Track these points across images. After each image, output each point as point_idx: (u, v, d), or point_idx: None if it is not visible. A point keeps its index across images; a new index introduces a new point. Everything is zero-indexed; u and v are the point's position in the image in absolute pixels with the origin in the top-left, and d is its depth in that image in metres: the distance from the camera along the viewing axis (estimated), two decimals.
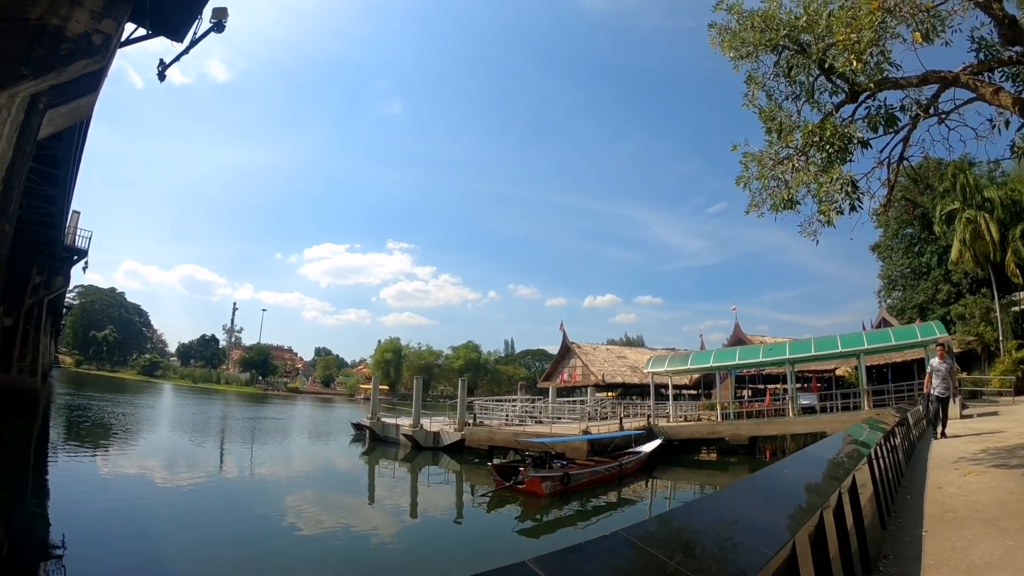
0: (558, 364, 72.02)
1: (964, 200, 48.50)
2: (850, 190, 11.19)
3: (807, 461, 5.97)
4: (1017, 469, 10.59)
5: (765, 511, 3.60)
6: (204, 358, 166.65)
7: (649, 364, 45.48)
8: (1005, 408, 28.35)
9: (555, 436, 31.38)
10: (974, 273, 50.18)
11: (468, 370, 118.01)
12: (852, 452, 6.85)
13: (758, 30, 11.54)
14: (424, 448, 38.10)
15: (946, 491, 9.27)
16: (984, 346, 48.05)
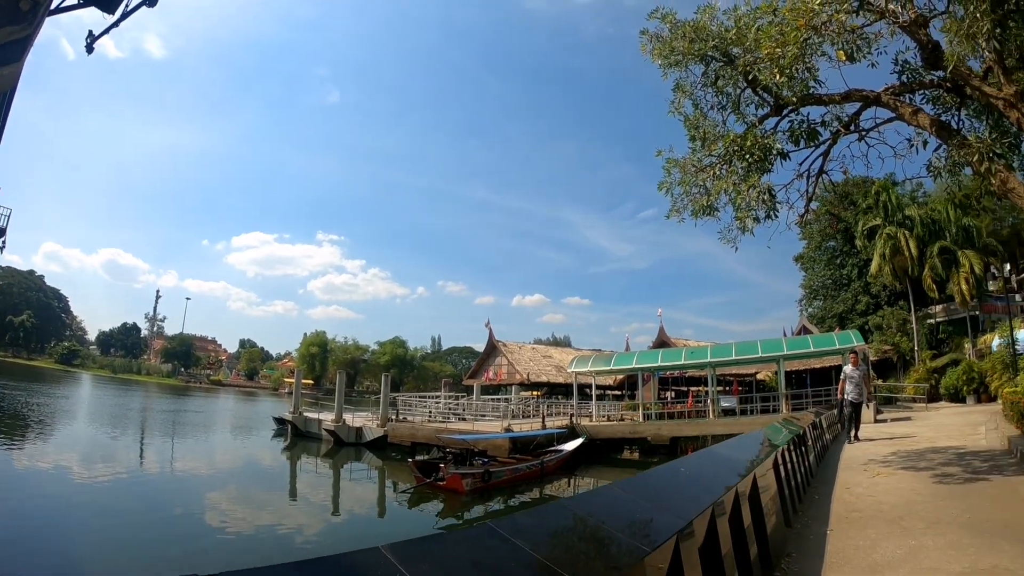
0: (484, 362, 71.54)
1: (886, 217, 50.01)
2: (767, 199, 11.47)
3: (709, 459, 6.11)
4: (924, 471, 10.97)
5: (653, 507, 3.57)
6: (125, 347, 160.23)
7: (573, 364, 45.47)
8: (918, 414, 29.27)
9: (477, 433, 31.41)
10: (892, 286, 51.76)
11: (394, 366, 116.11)
12: (757, 451, 7.05)
13: (688, 39, 11.72)
14: (346, 444, 37.73)
15: (854, 491, 9.58)
16: (900, 355, 49.95)
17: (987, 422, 19.30)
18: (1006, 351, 31.31)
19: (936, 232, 47.94)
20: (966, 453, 13.11)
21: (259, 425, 52.20)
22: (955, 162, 10.76)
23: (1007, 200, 9.50)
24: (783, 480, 7.44)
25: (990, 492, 8.65)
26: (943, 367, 42.27)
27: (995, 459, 11.72)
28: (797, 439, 10.33)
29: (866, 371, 19.29)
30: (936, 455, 13.11)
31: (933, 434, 18.18)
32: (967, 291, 43.85)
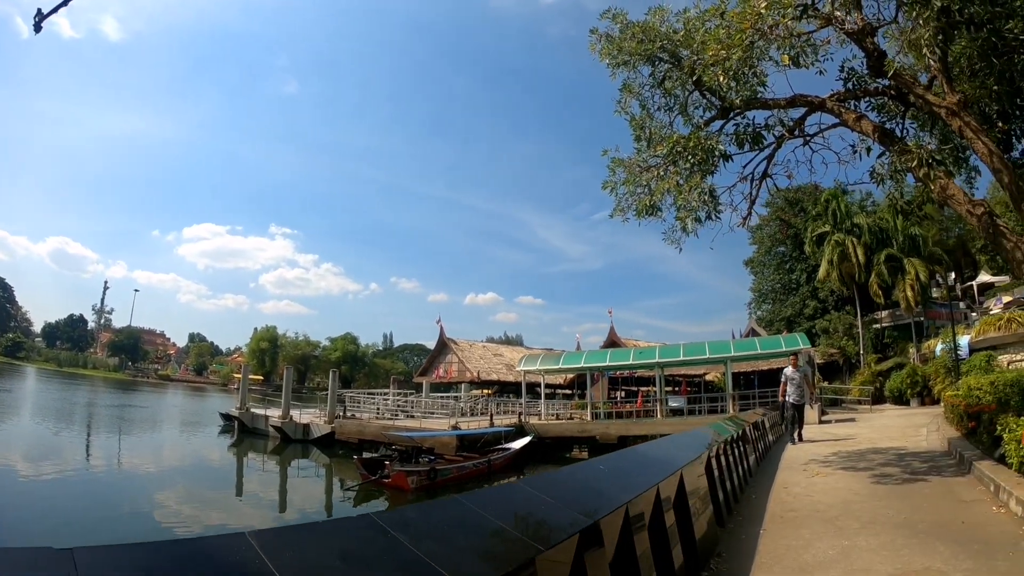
0: (434, 359, 71.05)
1: (835, 224, 51.16)
2: (708, 200, 11.53)
3: (636, 458, 6.03)
4: (863, 472, 11.13)
5: (560, 505, 3.39)
6: (71, 340, 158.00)
7: (521, 363, 45.35)
8: (862, 416, 29.78)
9: (424, 431, 31.25)
10: (839, 291, 52.72)
11: (346, 362, 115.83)
12: (691, 450, 6.97)
13: (636, 40, 11.70)
14: (294, 440, 37.53)
15: (792, 491, 9.68)
16: (846, 358, 51.14)
17: (929, 424, 19.58)
18: (948, 356, 31.93)
19: (883, 240, 49.08)
20: (906, 454, 13.33)
21: (206, 421, 51.55)
22: (896, 168, 10.86)
23: (949, 207, 9.66)
24: (716, 479, 7.48)
25: (927, 492, 8.79)
26: (888, 370, 43.38)
27: (934, 460, 11.93)
28: (735, 438, 10.40)
29: (807, 373, 19.26)
30: (876, 456, 13.33)
31: (875, 435, 18.46)
32: (912, 297, 44.95)
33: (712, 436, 9.02)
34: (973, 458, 9.97)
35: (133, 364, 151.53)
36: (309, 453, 34.97)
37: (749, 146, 11.84)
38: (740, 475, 10.04)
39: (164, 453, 33.91)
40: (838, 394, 41.90)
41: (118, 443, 36.37)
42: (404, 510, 2.77)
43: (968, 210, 8.90)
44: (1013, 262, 8.36)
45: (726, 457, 8.93)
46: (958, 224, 54.65)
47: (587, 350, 49.55)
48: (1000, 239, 8.46)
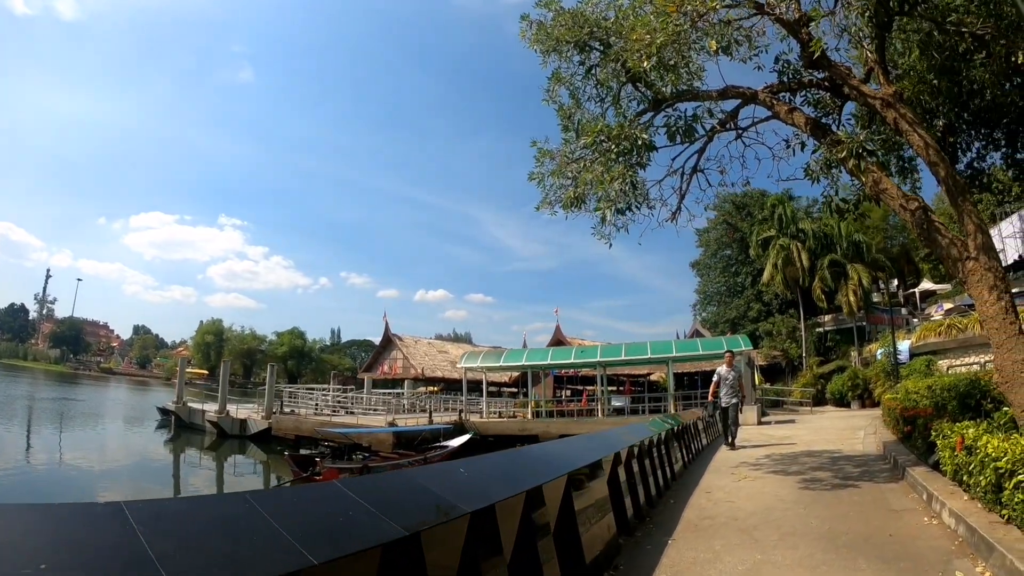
0: (379, 355, 70.74)
1: (780, 228, 51.70)
2: (629, 191, 11.03)
3: (524, 458, 5.55)
4: (793, 475, 10.78)
5: (374, 512, 2.99)
6: (11, 331, 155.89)
7: (463, 360, 44.99)
8: (803, 417, 29.94)
9: (361, 428, 31.06)
10: (784, 295, 53.10)
11: (292, 357, 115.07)
12: (595, 451, 6.51)
13: (566, 27, 11.24)
14: (230, 436, 36.93)
15: (714, 496, 9.28)
16: (788, 361, 51.79)
17: (867, 426, 19.45)
18: (888, 360, 32.16)
19: (827, 245, 49.73)
20: (840, 457, 13.07)
21: (145, 416, 50.47)
22: (828, 162, 10.42)
23: (884, 204, 9.18)
24: (622, 483, 7.00)
25: (856, 500, 8.42)
26: (830, 373, 43.68)
27: (868, 464, 11.65)
28: (657, 440, 10.05)
29: (742, 373, 18.41)
30: (810, 459, 13.04)
31: (812, 437, 18.34)
32: (854, 303, 45.59)
33: (630, 436, 8.60)
34: (907, 463, 9.64)
35: (75, 356, 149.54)
36: (246, 449, 34.37)
37: (681, 139, 11.32)
38: (661, 478, 9.62)
39: (100, 449, 33.01)
40: (780, 396, 42.25)
41: (57, 439, 35.71)
42: (281, 491, 3.12)
43: (902, 205, 8.47)
44: (948, 260, 7.94)
45: (643, 459, 8.53)
46: (902, 232, 55.82)
47: (529, 348, 49.17)
48: (935, 235, 8.03)
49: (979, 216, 7.86)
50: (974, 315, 29.42)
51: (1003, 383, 7.30)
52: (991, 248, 7.60)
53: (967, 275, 7.60)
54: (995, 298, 7.20)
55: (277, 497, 3.46)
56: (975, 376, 12.26)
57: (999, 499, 5.74)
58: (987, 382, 10.96)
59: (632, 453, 7.87)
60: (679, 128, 11.17)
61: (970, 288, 7.58)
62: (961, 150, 15.32)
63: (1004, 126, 16.21)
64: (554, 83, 11.80)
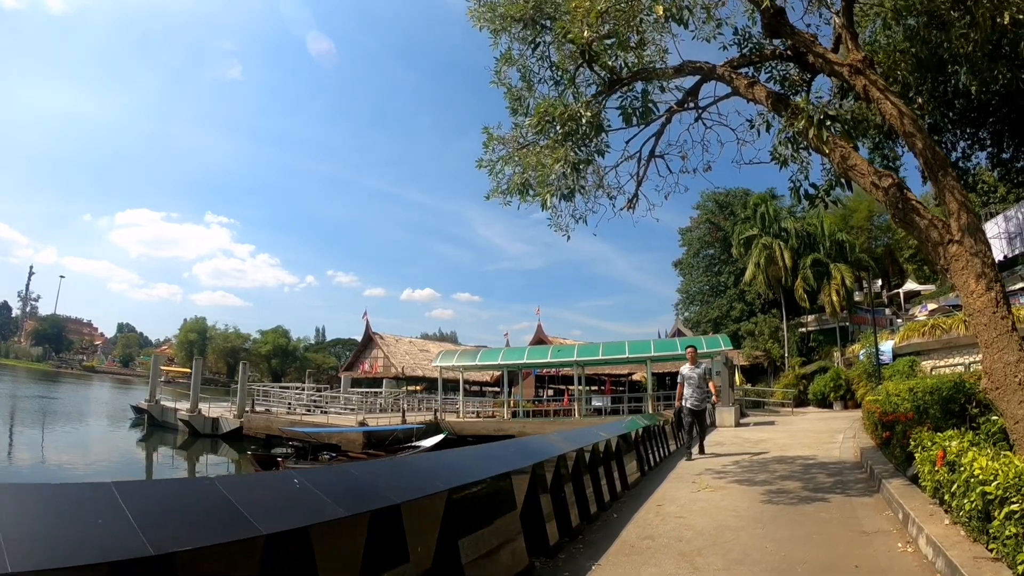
0: (360, 354, 70.07)
1: (763, 227, 51.15)
2: (570, 173, 10.13)
3: (429, 465, 4.98)
4: (760, 486, 9.84)
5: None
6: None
7: (438, 359, 44.46)
8: (783, 419, 28.79)
9: (331, 427, 30.99)
10: (766, 295, 52.90)
11: (276, 356, 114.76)
12: (509, 457, 5.82)
13: (511, 1, 10.27)
14: (203, 435, 36.60)
15: (665, 509, 8.36)
16: (771, 361, 51.39)
17: (847, 430, 18.64)
18: (870, 361, 31.62)
19: (810, 245, 49.64)
20: (814, 464, 12.13)
21: (120, 414, 49.77)
22: (793, 138, 9.39)
23: (855, 182, 8.11)
24: (542, 498, 6.07)
25: (824, 517, 7.44)
26: (812, 374, 43.21)
27: (843, 473, 10.71)
28: (606, 444, 9.25)
29: (709, 371, 15.23)
30: (781, 466, 12.11)
31: (788, 441, 17.40)
32: (837, 302, 45.26)
33: (570, 441, 7.89)
34: (884, 474, 8.70)
35: (57, 355, 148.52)
36: (218, 448, 33.87)
37: (637, 120, 10.34)
38: (607, 489, 8.77)
39: (71, 448, 32.15)
40: (761, 396, 41.74)
41: (25, 437, 34.91)
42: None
43: (873, 182, 7.36)
44: (928, 245, 6.84)
45: (580, 468, 7.68)
46: (887, 233, 55.48)
47: (505, 348, 48.42)
48: (912, 216, 6.94)
49: (963, 194, 6.76)
50: (958, 315, 28.84)
51: (992, 389, 6.18)
52: (977, 229, 6.51)
53: (950, 261, 6.52)
54: (983, 288, 6.12)
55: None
56: (959, 378, 11.38)
57: (986, 529, 4.75)
58: (972, 384, 10.09)
59: (564, 462, 6.95)
60: (635, 109, 10.19)
61: (954, 276, 6.49)
62: (946, 150, 14.51)
63: (989, 126, 15.61)
64: (503, 63, 10.71)
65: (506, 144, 10.61)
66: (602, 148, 10.34)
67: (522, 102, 10.94)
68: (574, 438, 8.50)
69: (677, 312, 67.89)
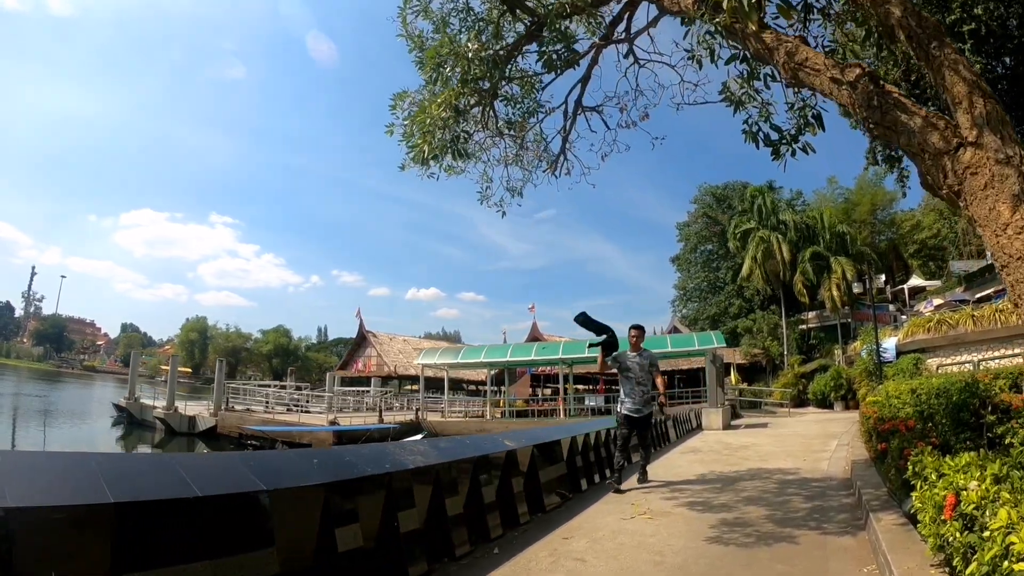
0: (354, 353, 70.90)
1: (760, 220, 49.49)
2: (449, 121, 8.32)
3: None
4: (715, 513, 7.69)
5: None
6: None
7: (421, 356, 43.96)
8: (778, 420, 27.31)
9: (302, 426, 32.08)
10: (765, 291, 51.28)
11: (277, 355, 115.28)
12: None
13: None
14: (179, 433, 36.43)
15: (569, 546, 6.33)
16: (769, 359, 49.37)
17: (844, 434, 16.98)
18: (870, 359, 29.96)
19: (810, 237, 47.97)
20: (794, 481, 9.99)
21: (105, 412, 49.45)
22: (722, 34, 7.03)
23: (809, 86, 5.53)
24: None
25: (780, 571, 5.29)
26: (812, 372, 41.67)
27: (826, 495, 8.54)
28: (508, 454, 7.57)
29: (655, 361, 10.31)
30: (753, 483, 9.96)
31: (774, 448, 15.39)
32: (838, 297, 43.67)
33: (458, 448, 6.82)
34: (873, 504, 6.51)
35: (58, 354, 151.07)
36: (194, 446, 33.50)
37: (560, 66, 8.49)
38: (498, 515, 6.92)
39: (51, 444, 32.39)
40: (758, 396, 39.94)
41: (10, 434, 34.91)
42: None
43: (834, 78, 4.81)
44: (926, 157, 4.29)
45: (444, 487, 6.02)
46: (891, 227, 53.56)
47: (488, 345, 46.94)
48: (895, 116, 4.45)
49: (971, 71, 4.39)
50: (966, 310, 27.06)
51: None
52: (1002, 122, 4.13)
53: (963, 178, 4.11)
54: (1021, 217, 3.74)
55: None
56: (971, 378, 9.36)
57: None
58: (987, 386, 8.08)
59: (407, 477, 5.43)
60: (556, 53, 8.22)
61: (972, 202, 4.03)
62: None
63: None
64: (406, 9, 8.69)
65: (413, 104, 8.74)
66: (501, 91, 8.71)
67: (434, 55, 8.88)
68: (474, 446, 7.11)
69: (674, 309, 66.54)
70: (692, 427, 21.97)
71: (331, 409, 40.61)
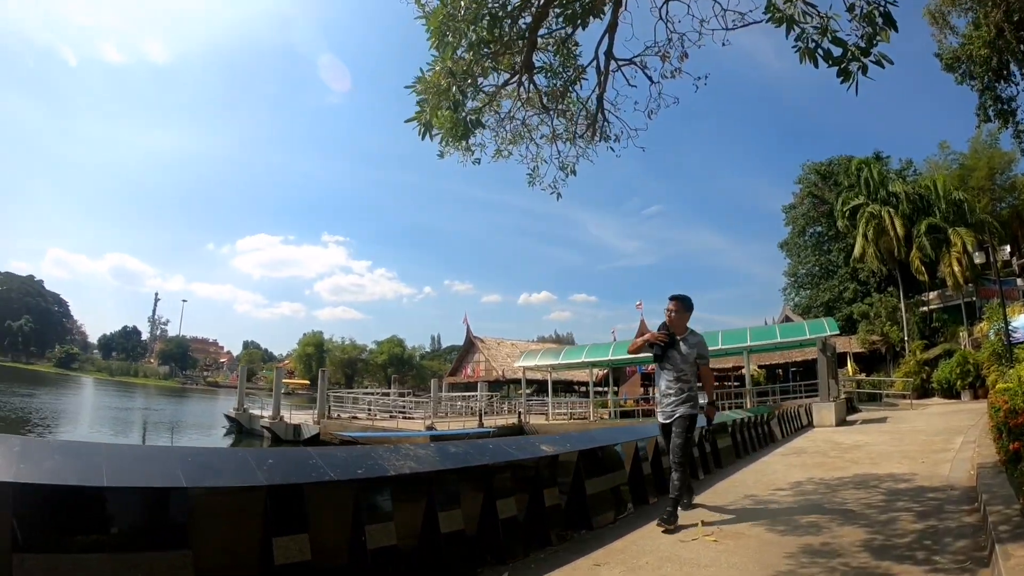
0: (463, 358, 72.68)
1: (869, 194, 46.71)
2: (450, 79, 7.22)
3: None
4: (798, 536, 6.21)
5: None
6: (125, 350, 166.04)
7: (521, 359, 44.16)
8: (898, 414, 25.11)
9: (400, 431, 32.46)
10: (879, 271, 48.31)
11: (392, 365, 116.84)
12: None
13: None
14: (285, 441, 37.01)
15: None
16: (889, 346, 46.30)
17: (971, 428, 15.07)
18: (998, 340, 27.43)
19: (923, 209, 44.77)
20: (906, 492, 8.28)
21: (220, 423, 51.37)
22: None
23: None
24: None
25: None
26: (935, 359, 38.88)
27: (942, 512, 6.86)
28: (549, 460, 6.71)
29: (702, 347, 7.65)
30: (856, 492, 8.41)
31: (889, 447, 13.59)
32: (959, 273, 40.48)
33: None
34: (1001, 533, 4.98)
35: (182, 372, 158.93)
36: None
37: (584, 19, 7.28)
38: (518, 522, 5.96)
39: None
40: (878, 388, 37.20)
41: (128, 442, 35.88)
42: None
43: None
44: None
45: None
46: (1011, 193, 49.56)
47: (590, 344, 45.79)
48: None
49: None
50: None
51: None
52: None
53: None
54: None
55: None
56: None
57: None
58: None
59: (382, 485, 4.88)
60: (581, 5, 7.09)
61: None
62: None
63: None
64: None
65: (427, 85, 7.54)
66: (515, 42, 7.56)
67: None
68: (493, 451, 6.15)
69: (785, 297, 63.56)
70: (802, 424, 20.41)
71: (436, 414, 41.81)
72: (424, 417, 41.31)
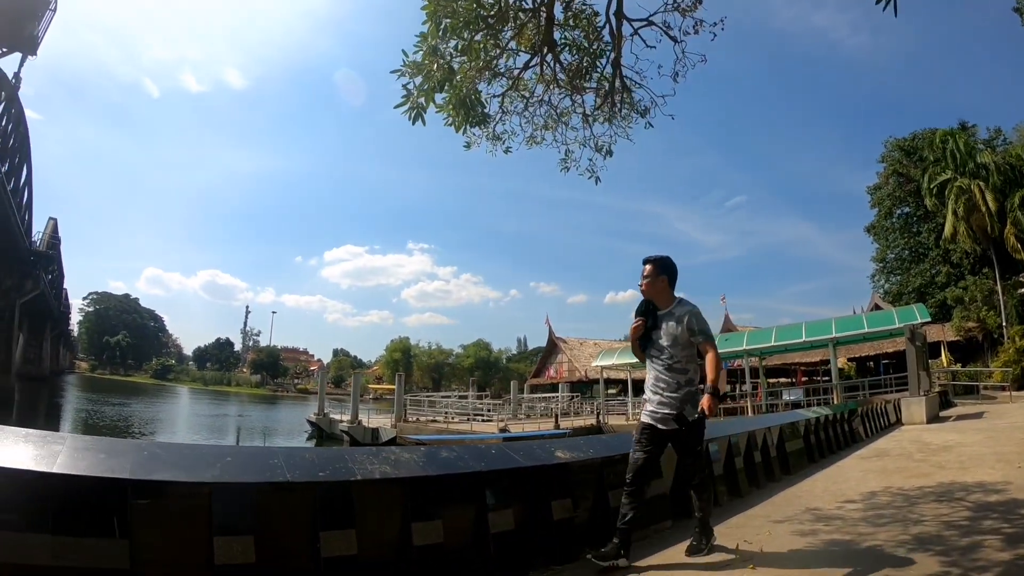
0: (546, 360, 72.91)
1: (956, 168, 44.37)
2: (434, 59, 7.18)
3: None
4: (857, 565, 4.98)
5: None
6: (219, 361, 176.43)
7: (599, 358, 44.01)
8: (997, 407, 23.58)
9: (474, 433, 32.78)
10: (972, 251, 45.66)
11: (479, 368, 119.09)
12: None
13: None
14: (362, 444, 37.18)
15: None
16: (986, 333, 43.01)
17: None
18: None
19: (1017, 180, 42.18)
20: (997, 505, 7.00)
21: (304, 428, 53.72)
22: None
23: None
24: None
25: None
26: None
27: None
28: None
29: (697, 320, 5.72)
30: (937, 506, 7.15)
31: (982, 448, 12.13)
32: None
33: None
34: None
35: (273, 380, 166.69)
36: None
37: None
38: None
39: None
40: (974, 379, 34.96)
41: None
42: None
43: None
44: None
45: None
46: None
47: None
48: None
49: None
50: None
51: None
52: None
53: None
54: None
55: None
56: None
57: None
58: None
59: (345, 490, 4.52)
60: None
61: None
62: None
63: None
64: None
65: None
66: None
67: None
68: (496, 457, 5.67)
69: (873, 284, 60.99)
70: (889, 422, 19.13)
71: (515, 416, 42.88)
72: (501, 420, 41.16)
